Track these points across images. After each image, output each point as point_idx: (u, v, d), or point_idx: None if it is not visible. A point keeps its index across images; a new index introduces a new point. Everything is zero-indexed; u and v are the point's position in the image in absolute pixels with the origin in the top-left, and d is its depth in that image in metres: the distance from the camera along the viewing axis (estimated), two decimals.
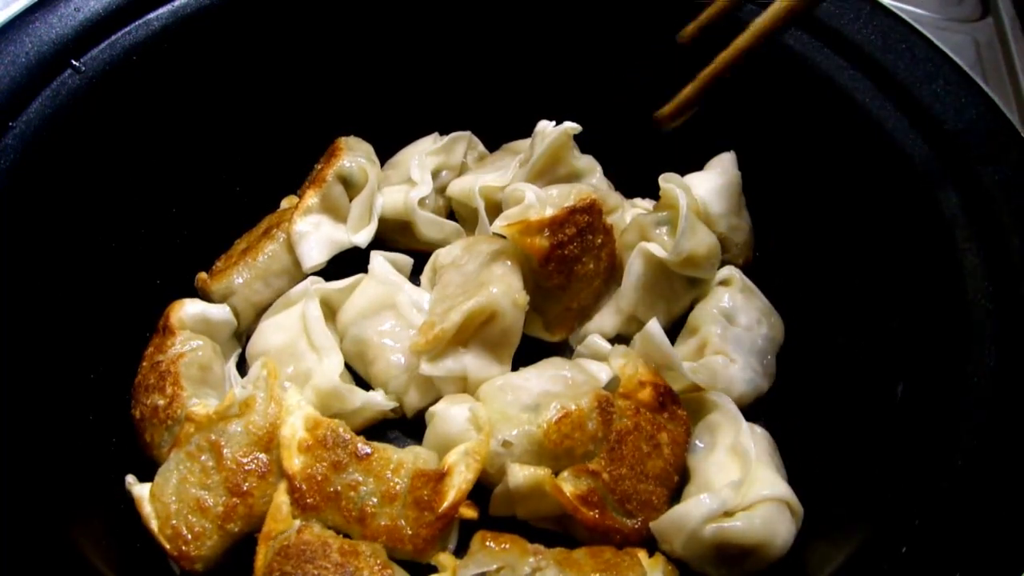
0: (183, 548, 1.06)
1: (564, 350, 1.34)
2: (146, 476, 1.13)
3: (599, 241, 1.27)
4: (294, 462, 1.09)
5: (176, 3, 1.26)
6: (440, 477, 1.08)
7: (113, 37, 1.21)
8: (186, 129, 1.33)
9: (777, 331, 1.34)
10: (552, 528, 1.14)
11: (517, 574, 1.01)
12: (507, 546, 1.03)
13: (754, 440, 1.14)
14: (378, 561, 1.03)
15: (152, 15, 1.24)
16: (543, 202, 1.22)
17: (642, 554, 1.08)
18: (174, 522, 1.07)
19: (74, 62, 1.18)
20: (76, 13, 1.19)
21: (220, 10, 1.29)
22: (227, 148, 1.40)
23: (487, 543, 1.03)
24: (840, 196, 1.27)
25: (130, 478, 1.13)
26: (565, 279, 1.25)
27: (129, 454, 1.19)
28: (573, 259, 1.23)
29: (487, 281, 1.20)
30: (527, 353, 1.25)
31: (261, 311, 1.35)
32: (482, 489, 1.12)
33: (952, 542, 0.88)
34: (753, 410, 1.26)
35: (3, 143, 1.11)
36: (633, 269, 1.28)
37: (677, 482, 1.16)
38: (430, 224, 1.43)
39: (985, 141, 1.10)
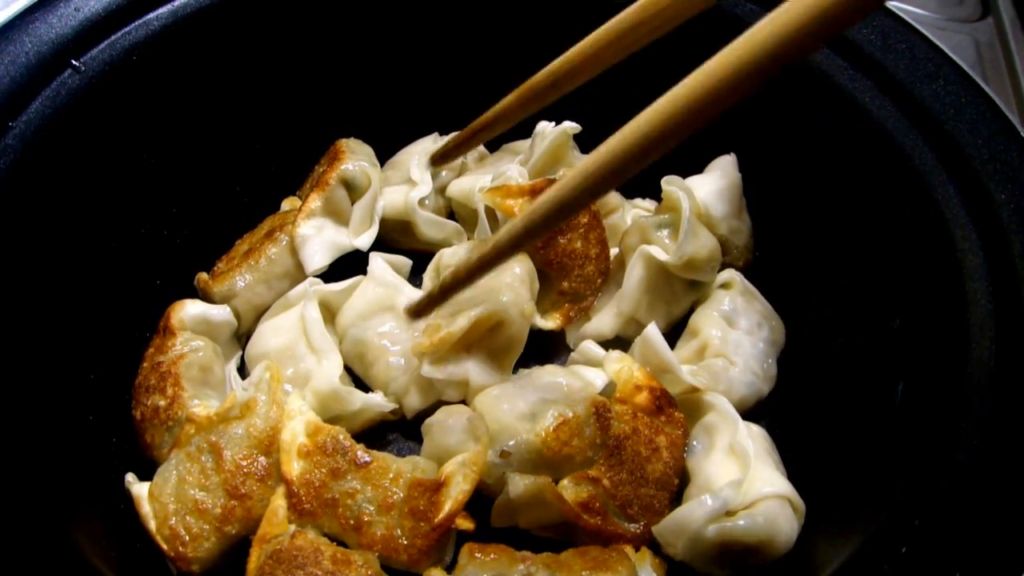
0: (180, 549, 1.06)
1: (560, 355, 1.34)
2: (146, 476, 1.13)
3: (584, 220, 1.28)
4: (293, 467, 1.08)
5: (176, 3, 1.26)
6: (437, 488, 1.07)
7: (113, 37, 1.21)
8: (186, 129, 1.33)
9: (778, 334, 1.33)
10: (554, 536, 1.13)
11: None
12: (495, 556, 1.03)
13: (752, 438, 1.14)
14: (369, 572, 1.03)
15: (152, 15, 1.24)
16: (524, 178, 1.27)
17: (629, 549, 1.07)
18: (172, 523, 1.07)
19: (74, 62, 1.18)
20: (76, 13, 1.19)
21: (220, 10, 1.29)
22: (227, 148, 1.40)
23: (475, 555, 1.02)
24: (840, 197, 1.27)
25: (130, 477, 1.13)
26: (553, 253, 1.26)
27: (129, 454, 1.19)
28: (556, 230, 1.25)
29: (497, 288, 1.20)
30: (525, 354, 1.25)
31: (262, 313, 1.35)
32: (481, 500, 1.12)
33: (952, 542, 0.88)
34: (754, 410, 1.26)
35: (3, 143, 1.11)
36: (634, 271, 1.27)
37: (677, 485, 1.15)
38: (430, 224, 1.43)
39: (985, 141, 1.10)
